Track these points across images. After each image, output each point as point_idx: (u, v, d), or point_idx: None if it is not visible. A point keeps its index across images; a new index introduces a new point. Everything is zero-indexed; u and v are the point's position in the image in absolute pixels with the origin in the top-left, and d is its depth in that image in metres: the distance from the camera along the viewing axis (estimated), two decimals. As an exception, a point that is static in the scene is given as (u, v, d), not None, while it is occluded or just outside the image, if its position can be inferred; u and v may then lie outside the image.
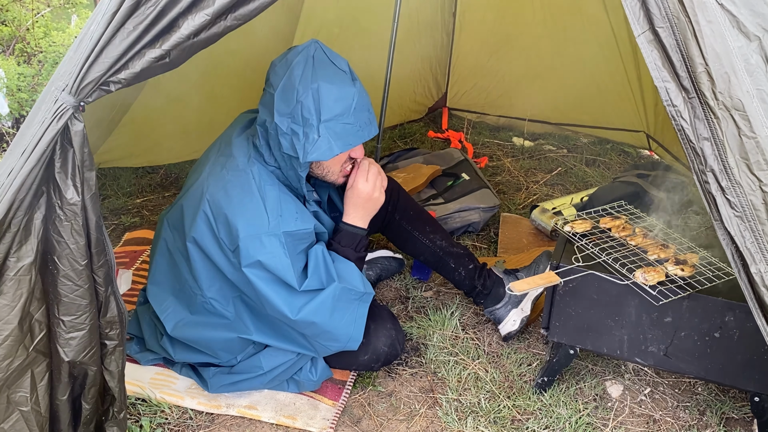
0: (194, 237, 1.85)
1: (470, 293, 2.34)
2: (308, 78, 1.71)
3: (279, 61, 1.80)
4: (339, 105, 1.73)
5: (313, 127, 1.72)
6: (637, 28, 1.31)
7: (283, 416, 1.96)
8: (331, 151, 1.74)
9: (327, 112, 1.72)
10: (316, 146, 1.73)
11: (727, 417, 2.02)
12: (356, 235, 1.97)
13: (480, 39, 3.76)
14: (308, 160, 1.74)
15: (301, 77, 1.72)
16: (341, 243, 1.96)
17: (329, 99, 1.71)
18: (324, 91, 1.71)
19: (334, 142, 1.74)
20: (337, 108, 1.72)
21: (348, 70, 1.79)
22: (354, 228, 1.98)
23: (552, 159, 3.67)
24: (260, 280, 1.79)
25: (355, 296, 1.89)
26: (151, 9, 1.28)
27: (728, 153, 1.30)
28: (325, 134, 1.72)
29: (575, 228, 2.02)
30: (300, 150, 1.74)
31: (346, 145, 1.76)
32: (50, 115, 1.30)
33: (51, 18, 4.00)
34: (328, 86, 1.71)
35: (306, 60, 1.74)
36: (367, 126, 1.80)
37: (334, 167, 1.90)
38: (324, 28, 3.22)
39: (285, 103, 1.73)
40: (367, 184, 1.94)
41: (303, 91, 1.71)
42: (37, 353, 1.44)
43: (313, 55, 1.75)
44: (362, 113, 1.78)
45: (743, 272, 1.36)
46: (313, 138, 1.72)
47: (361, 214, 1.98)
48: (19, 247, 1.36)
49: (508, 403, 2.03)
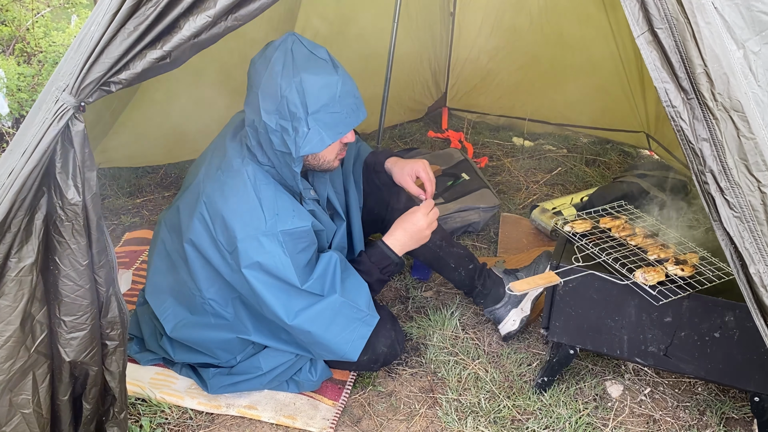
0: (191, 239, 1.85)
1: (470, 293, 2.34)
2: (290, 72, 1.69)
3: (258, 58, 1.78)
4: (324, 95, 1.70)
5: (301, 121, 1.70)
6: (636, 29, 1.31)
7: (283, 416, 1.96)
8: (323, 142, 1.73)
9: (313, 104, 1.70)
10: (308, 139, 1.72)
11: (727, 417, 2.02)
12: (389, 258, 1.99)
13: (479, 39, 3.76)
14: (301, 154, 1.73)
15: (282, 72, 1.70)
16: (371, 258, 1.97)
17: (313, 90, 1.69)
18: (307, 83, 1.69)
19: (324, 133, 1.72)
20: (322, 98, 1.70)
21: (328, 58, 1.76)
22: (391, 252, 1.99)
23: (552, 159, 3.67)
24: (259, 282, 1.78)
25: (357, 315, 1.87)
26: (152, 9, 1.28)
27: (727, 154, 1.30)
28: (315, 126, 1.71)
29: (575, 228, 2.02)
30: (292, 145, 1.73)
31: (336, 134, 1.75)
32: (51, 115, 1.30)
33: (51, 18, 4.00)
34: (310, 77, 1.69)
35: (285, 54, 1.71)
36: (354, 111, 1.78)
37: (329, 155, 1.88)
38: (323, 27, 3.22)
39: (270, 100, 1.71)
40: (426, 219, 2.00)
41: (286, 86, 1.69)
42: (38, 354, 1.44)
43: (291, 48, 1.72)
44: (348, 99, 1.75)
45: (742, 273, 1.36)
46: (303, 131, 1.71)
47: (404, 241, 2.01)
48: (20, 247, 1.36)
49: (508, 403, 2.03)
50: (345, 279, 1.88)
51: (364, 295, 1.90)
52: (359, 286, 1.90)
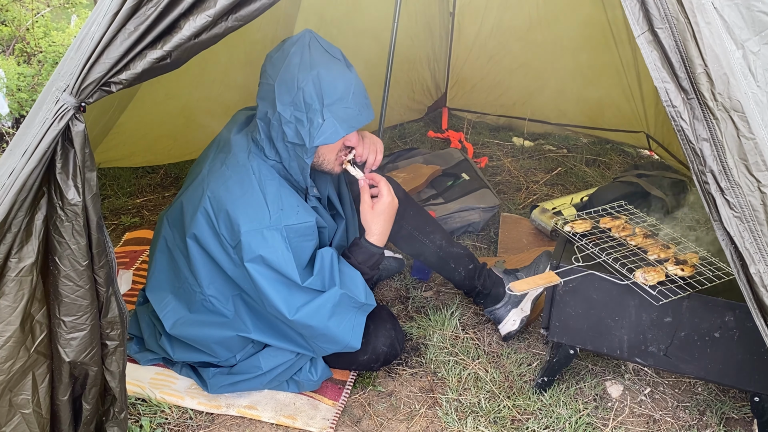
0: (194, 233, 1.85)
1: (470, 293, 2.34)
2: (307, 65, 1.74)
3: (275, 52, 1.82)
4: (339, 89, 1.75)
5: (317, 112, 1.74)
6: (636, 29, 1.31)
7: (283, 416, 1.96)
8: (337, 133, 1.76)
9: (329, 97, 1.74)
10: (322, 130, 1.75)
11: (727, 417, 2.02)
12: (374, 254, 1.99)
13: (479, 39, 3.77)
14: (315, 144, 1.76)
15: (300, 65, 1.74)
16: (358, 260, 1.97)
17: (330, 84, 1.74)
18: (324, 76, 1.73)
19: (339, 125, 1.76)
20: (337, 92, 1.75)
21: (342, 58, 1.82)
22: (375, 248, 1.99)
23: (552, 159, 3.67)
24: (261, 276, 1.79)
25: (354, 304, 1.89)
26: (152, 10, 1.28)
27: (727, 154, 1.30)
28: (330, 118, 1.75)
29: (575, 228, 2.02)
30: (306, 136, 1.76)
31: (350, 128, 1.78)
32: (51, 115, 1.30)
33: (51, 18, 4.00)
34: (327, 72, 1.74)
35: (303, 48, 1.76)
36: (365, 110, 1.83)
37: (330, 155, 1.90)
38: (322, 28, 3.22)
39: (286, 92, 1.75)
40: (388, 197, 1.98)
41: (303, 78, 1.73)
42: (38, 355, 1.45)
43: (309, 43, 1.78)
44: (360, 98, 1.80)
45: (742, 273, 1.36)
46: (318, 122, 1.74)
47: (383, 231, 2.00)
48: (20, 248, 1.36)
49: (508, 403, 2.03)
50: (342, 271, 1.90)
51: (360, 284, 1.92)
52: (354, 276, 1.92)
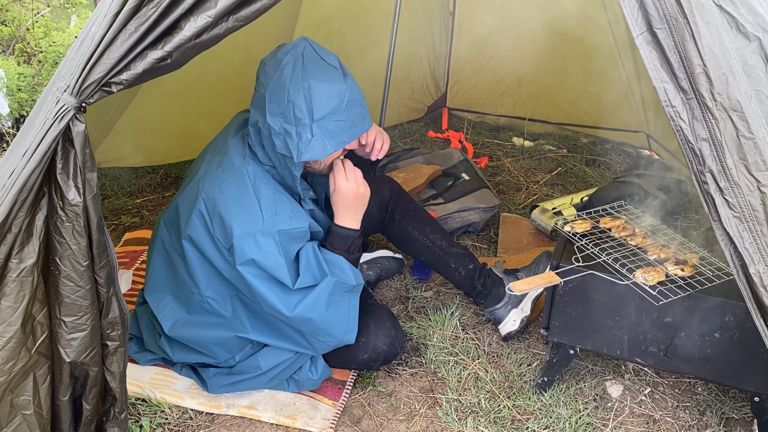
0: (190, 235, 1.85)
1: (470, 293, 2.34)
2: (299, 77, 1.70)
3: (269, 59, 1.79)
4: (331, 102, 1.71)
5: (306, 127, 1.71)
6: (635, 29, 1.31)
7: (283, 416, 1.96)
8: (325, 150, 1.74)
9: (319, 111, 1.70)
10: (310, 146, 1.72)
11: (727, 417, 2.02)
12: (348, 237, 1.94)
13: (479, 39, 3.77)
14: (302, 160, 1.74)
15: (292, 76, 1.71)
16: (333, 245, 1.93)
17: (321, 97, 1.70)
18: (315, 89, 1.70)
19: (327, 141, 1.73)
20: (328, 106, 1.71)
21: (338, 65, 1.77)
22: (346, 230, 1.94)
23: (552, 159, 3.67)
24: (255, 278, 1.79)
25: (346, 288, 1.89)
26: (153, 10, 1.28)
27: (726, 154, 1.30)
28: (318, 133, 1.72)
29: (575, 228, 2.02)
30: (294, 150, 1.73)
31: (339, 144, 1.76)
32: (52, 116, 1.30)
33: (51, 18, 4.00)
34: (319, 84, 1.70)
35: (296, 58, 1.73)
36: (360, 121, 1.79)
37: (328, 161, 1.89)
38: (323, 26, 3.22)
39: (276, 103, 1.73)
40: (349, 183, 1.90)
41: (294, 91, 1.70)
42: (39, 355, 1.45)
43: (303, 52, 1.74)
44: (354, 108, 1.76)
45: (742, 273, 1.36)
46: (307, 137, 1.72)
47: (352, 213, 1.95)
48: (20, 248, 1.36)
49: (508, 403, 2.03)
50: (327, 260, 1.88)
51: (347, 267, 1.89)
52: (339, 261, 1.89)
